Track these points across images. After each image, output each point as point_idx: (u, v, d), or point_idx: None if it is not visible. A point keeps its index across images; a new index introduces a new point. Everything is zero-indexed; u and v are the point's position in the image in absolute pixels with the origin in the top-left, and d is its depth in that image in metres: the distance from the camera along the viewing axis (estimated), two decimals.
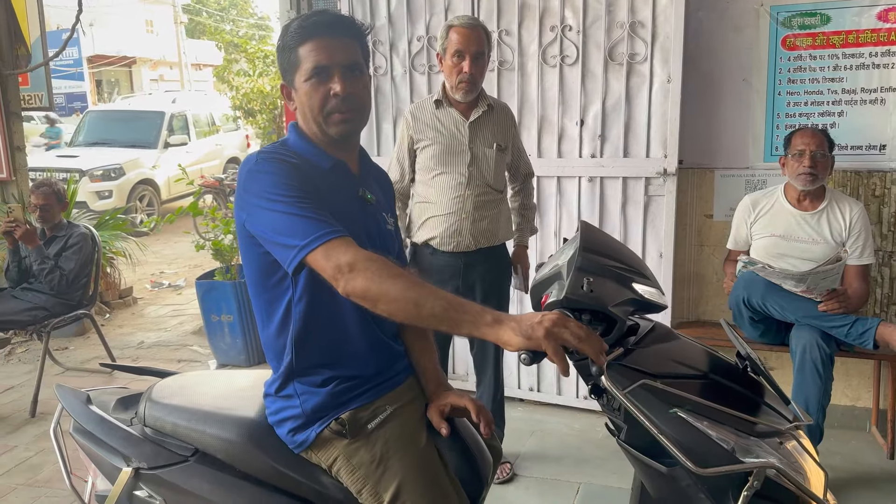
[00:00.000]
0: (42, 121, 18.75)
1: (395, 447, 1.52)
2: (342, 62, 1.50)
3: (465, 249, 2.81)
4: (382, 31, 3.73)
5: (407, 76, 3.73)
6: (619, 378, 1.34)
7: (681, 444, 1.29)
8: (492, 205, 2.83)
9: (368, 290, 1.32)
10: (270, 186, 1.43)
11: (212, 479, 1.60)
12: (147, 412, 1.72)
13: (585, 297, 1.35)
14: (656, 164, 3.32)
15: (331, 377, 1.56)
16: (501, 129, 2.85)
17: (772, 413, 1.42)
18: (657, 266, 3.40)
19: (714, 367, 1.47)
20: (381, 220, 1.66)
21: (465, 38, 2.66)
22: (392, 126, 3.82)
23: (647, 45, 3.28)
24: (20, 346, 4.94)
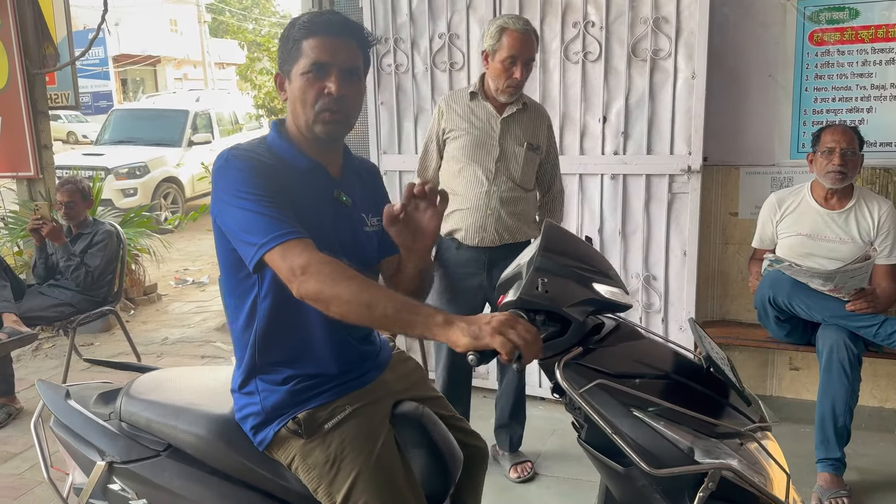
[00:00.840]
0: (69, 119, 19.00)
1: (349, 448, 1.52)
2: (342, 64, 1.51)
3: (489, 245, 2.78)
4: (404, 28, 3.73)
5: (428, 73, 3.73)
6: (576, 377, 1.34)
7: (636, 444, 1.29)
8: (518, 202, 2.80)
9: (321, 293, 1.34)
10: (238, 184, 1.44)
11: (182, 473, 1.63)
12: (123, 407, 1.74)
13: (540, 298, 1.36)
14: (680, 162, 3.28)
15: (291, 375, 1.56)
16: (534, 128, 2.81)
17: (736, 414, 1.41)
18: (681, 264, 3.37)
19: (678, 367, 1.45)
20: (359, 221, 1.65)
21: (519, 43, 2.62)
22: (413, 124, 3.81)
23: (671, 41, 3.25)
24: (47, 342, 5.02)
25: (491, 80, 2.74)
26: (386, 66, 3.81)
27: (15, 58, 4.84)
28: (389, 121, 3.86)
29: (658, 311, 3.45)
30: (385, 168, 3.90)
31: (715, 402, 1.42)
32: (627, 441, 1.29)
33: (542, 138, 2.83)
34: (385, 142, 3.90)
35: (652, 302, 3.46)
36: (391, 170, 3.90)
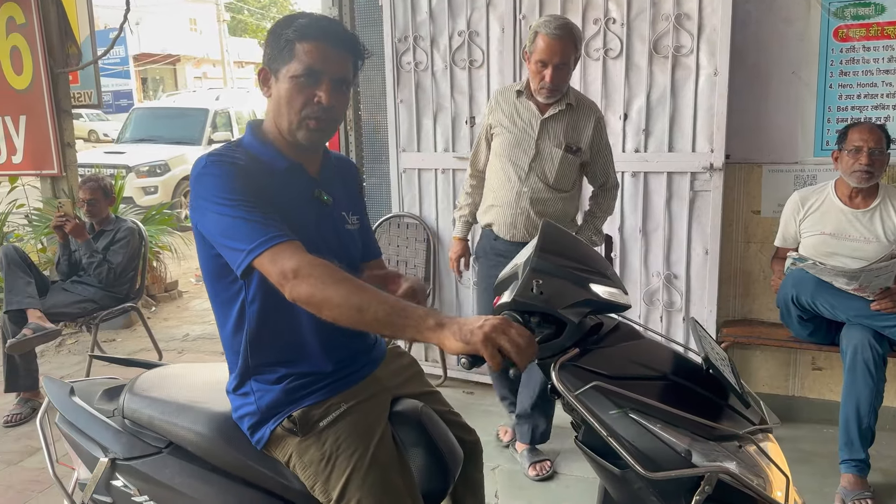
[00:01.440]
0: (90, 118, 19.20)
1: (344, 445, 1.52)
2: (334, 73, 1.50)
3: (521, 240, 2.82)
4: (423, 26, 3.73)
5: (447, 71, 3.72)
6: (572, 379, 1.33)
7: (631, 446, 1.28)
8: (551, 203, 2.81)
9: (312, 297, 1.33)
10: (217, 190, 1.43)
11: (183, 470, 1.63)
12: (126, 404, 1.76)
13: (534, 300, 1.35)
14: (702, 159, 3.26)
15: (285, 374, 1.57)
16: (576, 129, 2.81)
17: (735, 416, 1.39)
18: (702, 263, 3.34)
19: (677, 368, 1.43)
20: (340, 220, 1.66)
21: (549, 48, 2.65)
22: (432, 122, 3.82)
23: (692, 38, 3.22)
24: (70, 338, 5.08)
25: (530, 80, 2.80)
26: (405, 64, 3.81)
27: (39, 57, 4.90)
28: (409, 119, 3.87)
29: (679, 309, 3.43)
30: (404, 166, 3.91)
31: (714, 404, 1.40)
32: (623, 443, 1.28)
33: (585, 139, 2.82)
34: (404, 139, 3.90)
35: (673, 301, 3.44)
36: (410, 168, 3.90)
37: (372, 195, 4.32)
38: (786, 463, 1.37)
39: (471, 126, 3.73)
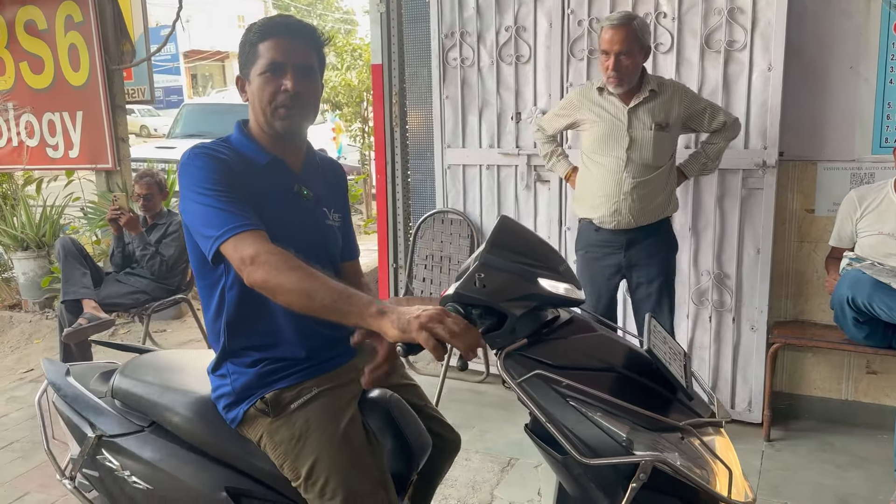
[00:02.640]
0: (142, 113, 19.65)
1: (314, 426, 1.58)
2: (296, 62, 1.60)
3: (626, 227, 2.91)
4: (470, 21, 3.72)
5: (494, 67, 3.71)
6: (516, 367, 1.39)
7: (571, 433, 1.33)
8: (650, 182, 2.88)
9: (267, 282, 1.41)
10: (197, 180, 1.53)
11: (163, 448, 1.72)
12: (116, 385, 1.85)
13: (476, 293, 1.40)
14: (755, 156, 3.18)
15: (260, 359, 1.64)
16: (665, 108, 2.87)
17: (685, 410, 1.40)
18: (753, 262, 3.27)
19: (629, 362, 1.46)
20: (321, 214, 1.72)
21: (609, 37, 2.75)
22: (477, 118, 3.81)
23: (746, 32, 3.15)
24: (122, 328, 5.22)
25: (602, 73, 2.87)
26: (451, 60, 3.81)
27: (95, 54, 5.03)
28: (454, 115, 3.87)
29: (729, 310, 3.36)
30: (449, 162, 3.91)
31: (663, 397, 1.42)
32: (562, 430, 1.33)
33: (674, 115, 2.88)
34: (449, 136, 3.90)
35: (723, 300, 3.37)
36: (454, 164, 3.90)
37: (416, 191, 4.33)
38: (735, 457, 1.40)
39: (516, 122, 3.71)
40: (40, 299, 5.39)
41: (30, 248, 5.39)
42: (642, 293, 3.02)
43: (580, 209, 3.05)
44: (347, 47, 9.95)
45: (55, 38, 5.09)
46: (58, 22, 5.07)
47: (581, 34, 3.45)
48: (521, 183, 3.74)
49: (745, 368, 3.38)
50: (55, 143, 5.31)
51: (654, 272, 2.97)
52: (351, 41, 10.51)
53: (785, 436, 3.29)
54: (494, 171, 3.81)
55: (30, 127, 5.28)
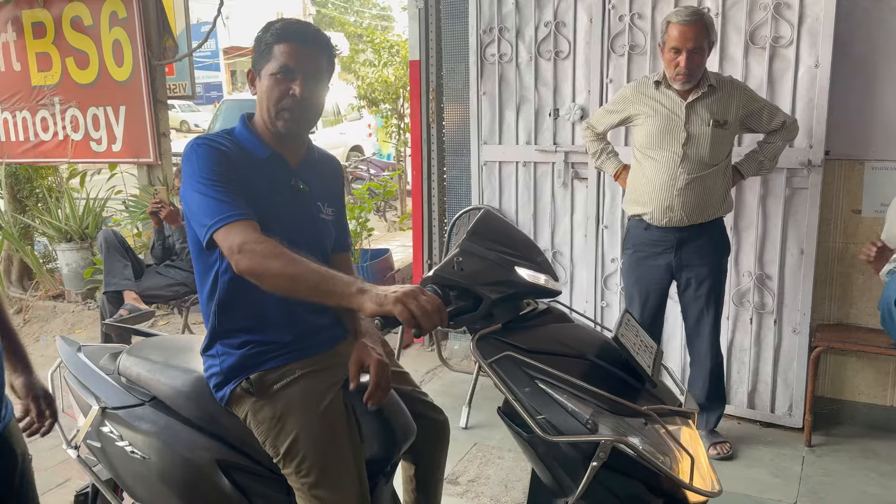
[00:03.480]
0: (183, 108, 19.97)
1: (294, 406, 1.66)
2: (308, 69, 1.68)
3: (677, 225, 2.88)
4: (509, 17, 3.70)
5: (532, 63, 3.68)
6: (489, 349, 1.48)
7: (536, 412, 1.40)
8: (704, 180, 2.85)
9: (253, 269, 1.51)
10: (198, 170, 1.62)
11: (160, 421, 1.82)
12: (122, 363, 1.97)
13: (453, 275, 1.50)
14: (800, 155, 3.11)
15: (247, 341, 1.72)
16: (723, 106, 2.84)
17: (651, 399, 1.46)
18: (797, 263, 3.20)
19: (601, 351, 1.52)
20: (315, 209, 1.81)
21: (681, 34, 2.73)
22: (515, 114, 3.78)
23: (792, 28, 3.07)
24: (162, 319, 5.31)
25: (665, 69, 2.86)
26: (489, 56, 3.79)
27: (138, 50, 5.12)
28: (491, 111, 3.85)
29: (771, 312, 3.28)
30: (485, 159, 3.89)
31: (631, 386, 1.48)
32: (527, 409, 1.40)
33: (732, 113, 2.85)
34: (486, 132, 3.88)
35: (765, 302, 3.30)
36: (491, 161, 3.88)
37: (452, 188, 4.32)
38: (701, 447, 1.47)
39: (554, 118, 3.68)
40: (83, 290, 5.51)
41: (73, 240, 5.51)
42: (691, 295, 2.98)
43: (630, 206, 3.02)
44: (385, 43, 9.95)
45: (100, 34, 5.19)
46: (102, 18, 5.16)
47: (622, 30, 3.40)
48: (558, 180, 3.71)
49: (785, 372, 3.31)
50: (99, 137, 5.41)
51: (704, 273, 2.93)
52: (388, 37, 10.51)
53: (826, 441, 3.21)
54: (531, 168, 3.78)
55: (75, 121, 5.40)
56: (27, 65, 5.44)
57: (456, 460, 3.06)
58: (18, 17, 5.34)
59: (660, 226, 2.91)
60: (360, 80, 9.95)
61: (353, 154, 12.49)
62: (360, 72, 10.02)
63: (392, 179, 6.90)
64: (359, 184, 9.66)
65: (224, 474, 1.72)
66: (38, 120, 5.48)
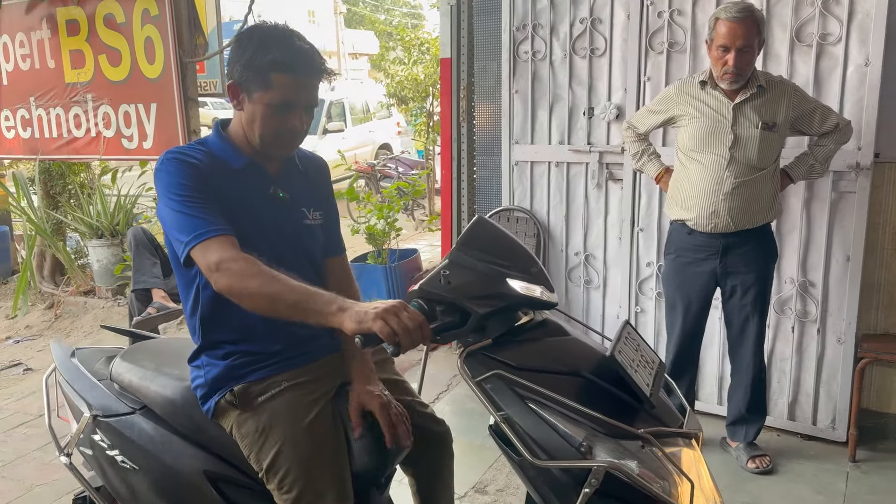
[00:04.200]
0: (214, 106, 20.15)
1: (278, 420, 1.62)
2: (307, 101, 1.64)
3: (723, 230, 2.77)
4: (543, 13, 3.61)
5: (567, 60, 3.59)
6: (477, 366, 1.39)
7: (526, 434, 1.32)
8: (752, 184, 2.74)
9: (231, 288, 1.47)
10: (169, 185, 1.57)
11: (150, 431, 1.79)
12: (114, 369, 1.93)
13: (440, 289, 1.41)
14: (848, 157, 2.97)
15: (231, 352, 1.69)
16: (772, 107, 2.73)
17: (651, 419, 1.38)
18: (843, 270, 3.06)
19: (597, 368, 1.43)
20: (299, 215, 1.75)
21: (730, 31, 2.61)
22: (548, 113, 3.69)
23: (841, 25, 2.94)
24: None
25: (712, 68, 2.74)
26: (522, 54, 3.70)
27: (170, 47, 5.11)
28: (523, 110, 3.76)
29: (814, 320, 3.15)
30: (516, 159, 3.81)
31: (629, 406, 1.39)
32: (518, 431, 1.32)
33: (782, 115, 2.73)
34: (518, 131, 3.80)
35: (808, 310, 3.17)
36: (522, 160, 3.80)
37: (482, 188, 4.25)
38: (705, 471, 1.38)
39: (588, 118, 3.58)
40: (113, 286, 5.53)
41: (104, 236, 5.54)
42: (735, 303, 2.86)
43: (672, 210, 2.91)
44: (416, 41, 9.90)
45: (132, 32, 5.20)
46: (135, 15, 5.17)
47: (661, 26, 3.29)
48: (592, 181, 3.61)
49: (829, 383, 3.17)
50: (130, 135, 5.42)
51: (750, 281, 2.82)
52: (419, 35, 10.46)
53: (872, 457, 3.07)
54: (564, 168, 3.69)
55: (107, 118, 5.41)
56: (61, 62, 5.47)
57: (484, 469, 2.98)
58: (53, 14, 5.38)
59: (704, 231, 2.80)
60: (389, 78, 9.90)
61: (382, 152, 12.48)
62: (389, 70, 9.98)
63: (421, 178, 6.84)
64: (387, 182, 9.63)
65: (212, 486, 1.69)
66: (71, 117, 5.51)
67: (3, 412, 3.72)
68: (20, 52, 5.60)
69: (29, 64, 5.59)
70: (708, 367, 3.36)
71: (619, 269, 3.60)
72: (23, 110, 5.67)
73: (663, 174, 3.00)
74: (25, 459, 3.21)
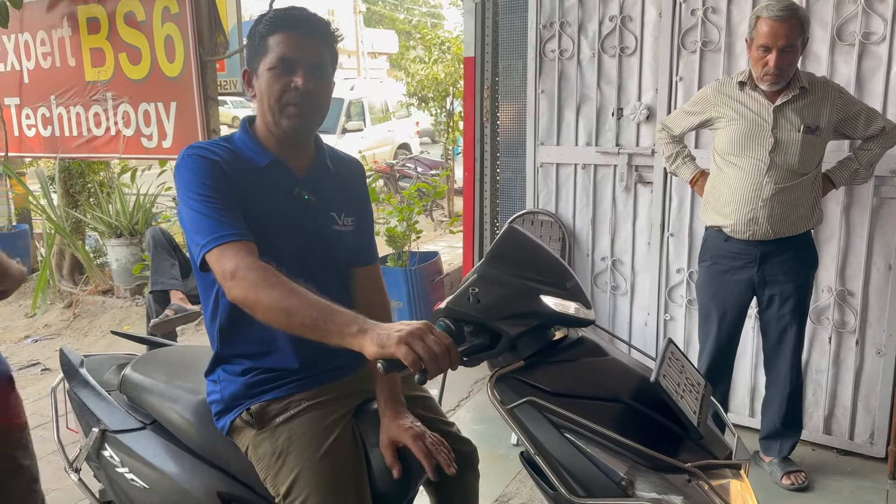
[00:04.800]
0: (234, 105, 20.22)
1: (297, 443, 1.53)
2: (308, 59, 1.53)
3: (762, 238, 2.65)
4: (571, 11, 3.51)
5: (595, 59, 3.49)
6: (508, 392, 1.30)
7: (563, 468, 1.24)
8: (793, 190, 2.62)
9: (246, 299, 1.38)
10: (189, 184, 1.48)
11: (161, 448, 1.71)
12: (124, 380, 1.85)
13: (468, 308, 1.32)
14: (891, 162, 2.85)
15: (250, 368, 1.60)
16: (815, 109, 2.61)
17: (697, 448, 1.27)
18: (884, 279, 2.94)
19: (637, 392, 1.31)
20: (328, 219, 1.65)
21: (772, 31, 2.49)
22: (574, 113, 3.59)
23: (886, 23, 2.82)
24: None
25: (752, 69, 2.63)
26: (549, 52, 3.60)
27: (190, 46, 5.07)
28: (549, 110, 3.66)
29: (852, 331, 3.03)
30: (542, 160, 3.71)
31: (673, 434, 1.28)
32: (553, 464, 1.24)
33: (825, 118, 2.61)
34: (543, 132, 3.70)
35: (846, 321, 3.04)
36: (548, 162, 3.70)
37: (505, 190, 4.16)
38: (753, 500, 1.27)
39: (617, 118, 3.48)
40: (131, 286, 5.51)
41: (122, 236, 5.52)
42: (773, 313, 2.75)
43: (708, 216, 2.80)
44: (436, 40, 9.82)
45: (152, 30, 5.17)
46: (155, 14, 5.13)
47: (694, 24, 3.18)
48: (620, 184, 3.50)
49: (867, 397, 3.05)
50: (150, 133, 5.39)
51: (789, 290, 2.70)
52: (439, 33, 10.38)
53: None
54: (591, 170, 3.59)
55: (126, 117, 5.39)
56: (81, 60, 5.46)
57: (507, 481, 2.89)
58: (74, 12, 5.36)
59: (742, 238, 2.68)
60: (410, 77, 9.83)
61: (401, 152, 12.41)
62: (410, 69, 9.91)
63: (442, 180, 6.76)
64: (406, 181, 9.56)
65: None
66: (90, 115, 5.49)
67: None
68: (41, 51, 5.60)
69: (50, 62, 5.58)
70: (740, 378, 3.24)
71: (647, 276, 3.49)
72: (43, 109, 5.66)
73: (698, 177, 2.89)
74: (41, 463, 3.12)
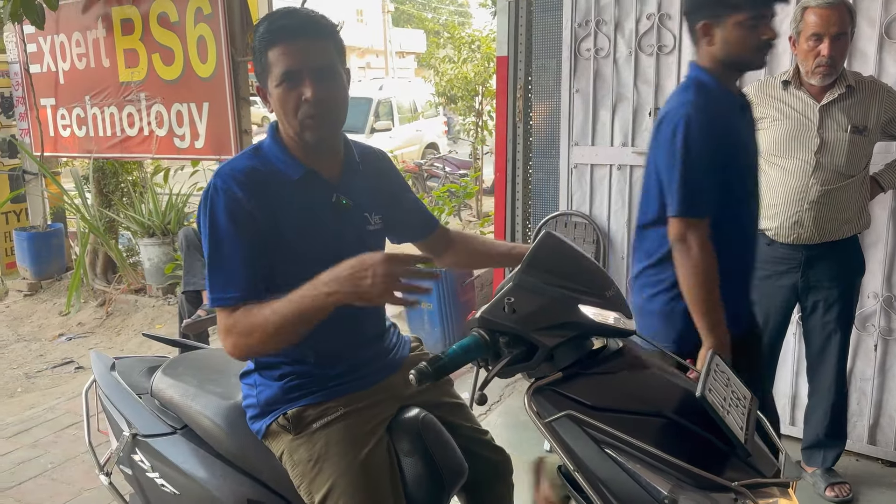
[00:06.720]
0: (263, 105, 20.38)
1: (334, 450, 1.51)
2: (313, 65, 1.47)
3: (806, 242, 2.57)
4: (607, 9, 3.44)
5: (632, 58, 3.42)
6: (546, 405, 1.26)
7: (604, 485, 1.19)
8: (840, 192, 2.54)
9: (241, 351, 1.42)
10: (212, 221, 1.47)
11: (190, 453, 1.69)
12: (155, 384, 1.84)
13: (504, 319, 1.28)
14: None
15: (287, 372, 1.58)
16: (863, 109, 2.53)
17: (744, 466, 1.22)
18: None
19: (681, 406, 1.27)
20: (362, 221, 1.64)
21: (823, 19, 2.42)
22: (610, 113, 3.53)
23: None
24: None
25: (800, 64, 2.54)
26: (584, 51, 3.54)
27: (222, 46, 5.09)
28: (584, 110, 3.60)
29: None
30: (576, 161, 3.66)
31: (718, 450, 1.23)
32: (592, 481, 1.20)
33: (873, 117, 2.53)
34: (578, 133, 3.64)
35: (892, 328, 2.94)
36: (582, 163, 3.64)
37: (537, 191, 4.11)
38: None
39: (654, 118, 3.40)
40: (164, 285, 5.55)
41: (155, 235, 5.57)
42: (817, 320, 2.66)
43: None
44: (466, 39, 9.77)
45: (185, 31, 5.19)
46: (188, 14, 5.16)
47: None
48: None
49: None
50: (182, 134, 5.42)
51: (834, 296, 2.61)
52: (469, 32, 10.33)
53: None
54: (626, 171, 3.52)
55: (159, 117, 5.43)
56: (115, 61, 5.51)
57: None
58: (108, 14, 5.41)
59: (786, 242, 2.61)
60: (439, 76, 9.80)
61: (429, 151, 12.39)
62: (439, 68, 9.88)
63: (471, 180, 6.72)
64: (434, 181, 9.53)
65: None
66: (124, 115, 5.54)
67: (54, 411, 3.72)
68: (76, 52, 5.66)
69: (84, 63, 5.64)
70: (780, 386, 3.15)
71: None
72: (78, 109, 5.73)
73: None
74: (75, 462, 3.19)
